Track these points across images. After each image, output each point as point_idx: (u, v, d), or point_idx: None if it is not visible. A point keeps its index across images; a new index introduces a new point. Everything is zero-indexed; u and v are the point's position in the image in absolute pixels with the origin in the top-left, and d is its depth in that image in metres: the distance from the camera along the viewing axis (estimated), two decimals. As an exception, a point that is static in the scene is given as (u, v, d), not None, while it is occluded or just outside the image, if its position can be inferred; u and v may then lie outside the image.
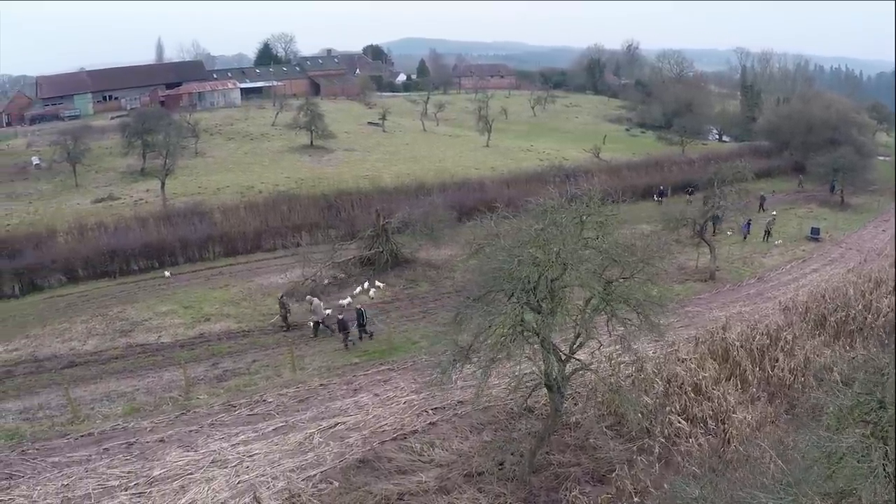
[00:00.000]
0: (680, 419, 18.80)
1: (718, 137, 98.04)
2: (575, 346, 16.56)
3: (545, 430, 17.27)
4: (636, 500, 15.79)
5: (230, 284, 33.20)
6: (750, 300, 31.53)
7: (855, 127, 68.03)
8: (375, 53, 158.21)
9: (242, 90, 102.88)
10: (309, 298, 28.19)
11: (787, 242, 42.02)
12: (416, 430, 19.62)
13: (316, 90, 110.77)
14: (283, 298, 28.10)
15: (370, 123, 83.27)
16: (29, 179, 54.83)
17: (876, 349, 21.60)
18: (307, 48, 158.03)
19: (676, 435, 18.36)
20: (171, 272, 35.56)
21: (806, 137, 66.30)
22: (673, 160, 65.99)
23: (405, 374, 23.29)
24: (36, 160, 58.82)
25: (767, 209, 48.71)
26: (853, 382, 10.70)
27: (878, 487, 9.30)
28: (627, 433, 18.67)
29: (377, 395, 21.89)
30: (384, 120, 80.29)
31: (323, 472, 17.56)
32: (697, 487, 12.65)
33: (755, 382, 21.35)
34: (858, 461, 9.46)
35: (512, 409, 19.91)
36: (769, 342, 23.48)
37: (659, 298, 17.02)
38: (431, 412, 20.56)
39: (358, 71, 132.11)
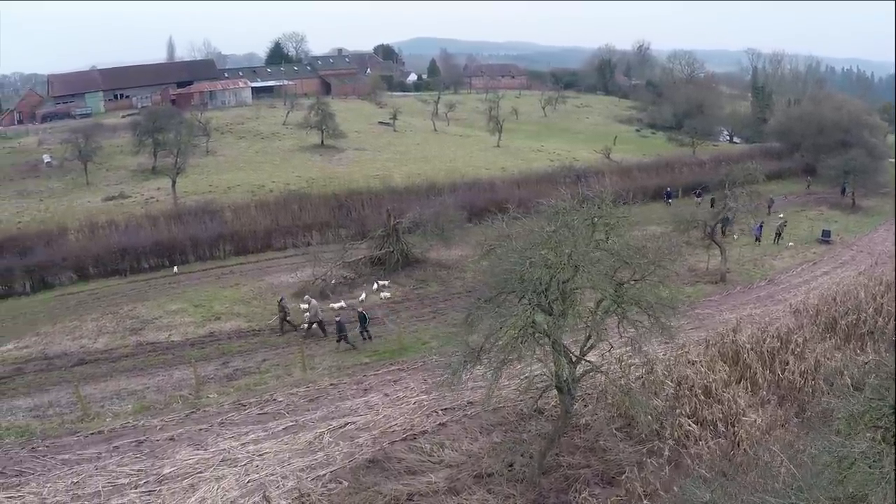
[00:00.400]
0: (690, 422, 18.70)
1: (729, 139, 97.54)
2: (585, 347, 16.55)
3: (555, 431, 17.23)
4: (646, 502, 15.72)
5: (241, 283, 33.32)
6: (760, 302, 31.36)
7: (866, 129, 67.21)
8: (386, 53, 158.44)
9: (253, 89, 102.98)
10: (307, 298, 28.30)
11: (798, 245, 41.74)
12: (425, 430, 19.62)
13: (327, 90, 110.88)
14: (282, 301, 27.95)
15: (381, 123, 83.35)
16: (40, 177, 55.22)
17: (887, 353, 21.42)
18: (318, 48, 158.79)
19: (686, 437, 18.27)
20: (181, 270, 35.83)
21: (817, 139, 65.68)
22: (683, 161, 65.75)
23: (415, 374, 23.31)
24: (47, 158, 59.18)
25: (775, 212, 48.28)
26: (864, 387, 10.65)
27: (889, 493, 9.21)
28: (637, 435, 18.60)
29: (387, 395, 21.93)
30: (395, 119, 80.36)
31: (332, 471, 17.60)
32: (708, 491, 12.58)
33: (765, 385, 21.16)
34: (870, 467, 9.37)
35: (522, 410, 19.89)
36: (779, 345, 23.26)
37: (669, 300, 16.94)
38: (441, 413, 20.56)
39: (369, 70, 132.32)
